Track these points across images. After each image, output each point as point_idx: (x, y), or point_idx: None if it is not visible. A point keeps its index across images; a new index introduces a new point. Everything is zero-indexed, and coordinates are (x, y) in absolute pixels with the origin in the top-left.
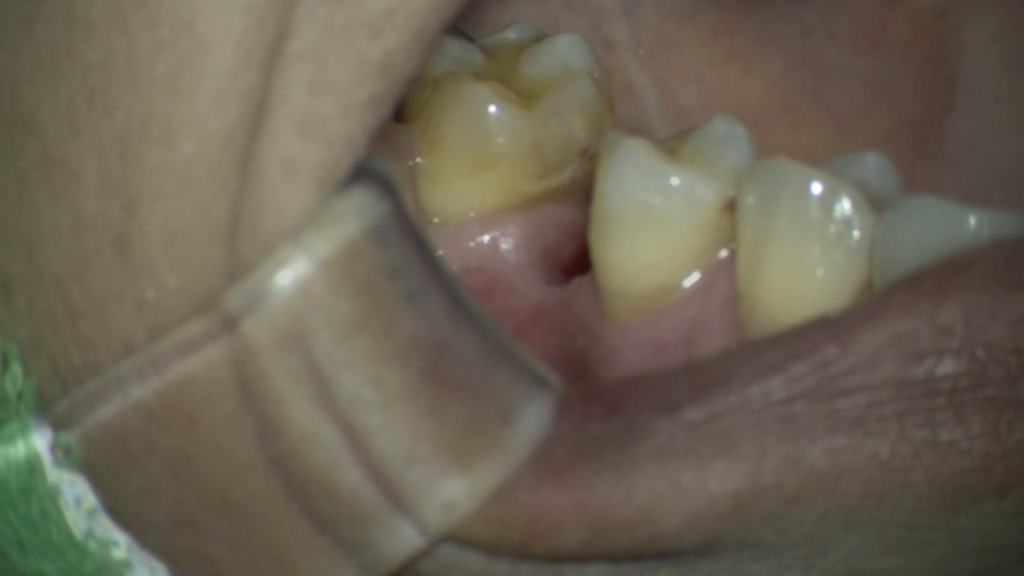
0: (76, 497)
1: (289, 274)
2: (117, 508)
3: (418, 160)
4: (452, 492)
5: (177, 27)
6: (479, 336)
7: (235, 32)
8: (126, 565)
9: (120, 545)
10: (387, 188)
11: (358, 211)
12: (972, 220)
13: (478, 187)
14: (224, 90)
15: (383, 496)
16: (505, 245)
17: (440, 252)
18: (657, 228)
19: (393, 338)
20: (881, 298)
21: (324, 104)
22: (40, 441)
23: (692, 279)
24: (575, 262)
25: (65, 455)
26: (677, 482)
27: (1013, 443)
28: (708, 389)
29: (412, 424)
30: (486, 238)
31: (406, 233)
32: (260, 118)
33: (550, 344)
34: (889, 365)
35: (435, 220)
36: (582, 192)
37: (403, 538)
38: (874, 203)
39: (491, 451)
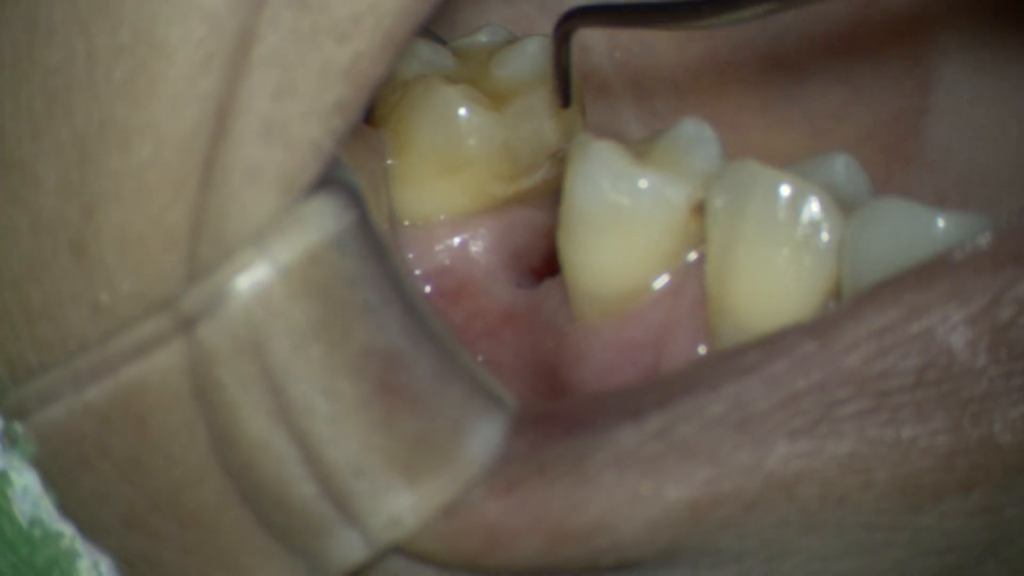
0: (24, 487)
1: (248, 278)
2: (70, 509)
3: (388, 162)
4: (398, 506)
5: (136, 32)
6: (435, 351)
7: (193, 37)
8: (74, 555)
9: (65, 535)
10: (354, 198)
11: (322, 218)
12: (941, 222)
13: (448, 189)
14: (182, 95)
15: (332, 507)
16: (475, 247)
17: (410, 255)
18: (626, 230)
19: (348, 348)
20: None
21: (288, 109)
22: None
23: (661, 281)
24: (545, 264)
25: (12, 443)
26: (634, 491)
27: (976, 438)
28: (672, 397)
29: (362, 436)
30: (456, 240)
31: (369, 244)
32: (222, 123)
33: (519, 346)
34: (853, 362)
35: (406, 223)
36: (553, 194)
37: (349, 548)
38: (843, 205)
39: (439, 467)
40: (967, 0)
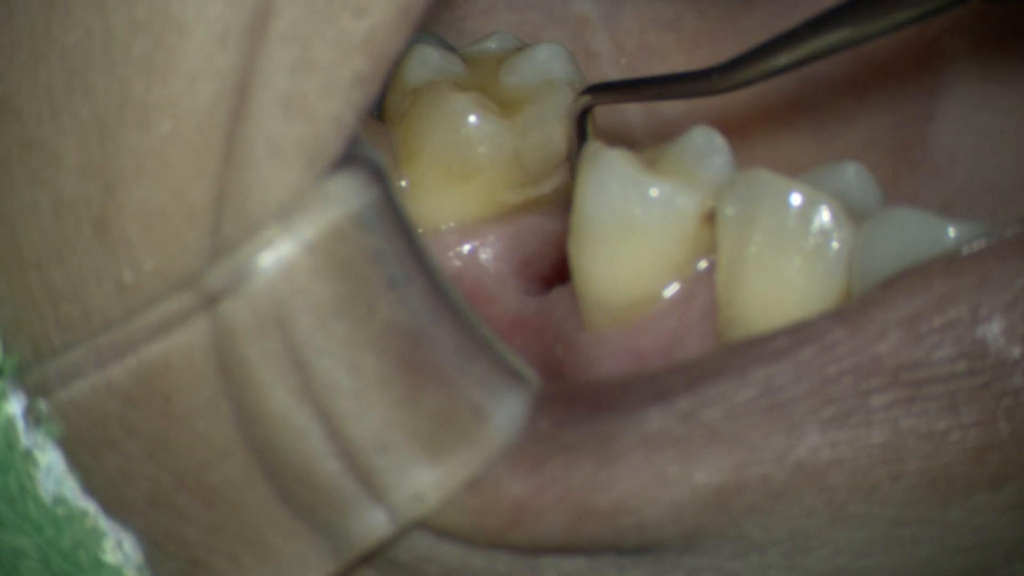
0: (48, 465)
1: (272, 255)
2: (95, 488)
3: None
4: (421, 482)
5: (152, 8)
6: (459, 328)
7: (210, 13)
8: (100, 534)
9: (89, 513)
10: (377, 175)
11: (346, 195)
12: (951, 231)
13: (458, 197)
14: (199, 71)
15: (356, 483)
16: (485, 255)
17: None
18: (636, 239)
19: (372, 324)
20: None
21: (308, 84)
22: (15, 405)
23: (671, 290)
24: (555, 272)
25: (37, 421)
26: (662, 472)
27: (1009, 433)
28: (700, 381)
29: (385, 411)
30: (466, 248)
31: (393, 220)
32: (243, 99)
33: (529, 353)
34: (886, 350)
35: (419, 230)
36: (562, 202)
37: (373, 524)
38: (853, 214)
39: (462, 443)
40: (974, 7)
